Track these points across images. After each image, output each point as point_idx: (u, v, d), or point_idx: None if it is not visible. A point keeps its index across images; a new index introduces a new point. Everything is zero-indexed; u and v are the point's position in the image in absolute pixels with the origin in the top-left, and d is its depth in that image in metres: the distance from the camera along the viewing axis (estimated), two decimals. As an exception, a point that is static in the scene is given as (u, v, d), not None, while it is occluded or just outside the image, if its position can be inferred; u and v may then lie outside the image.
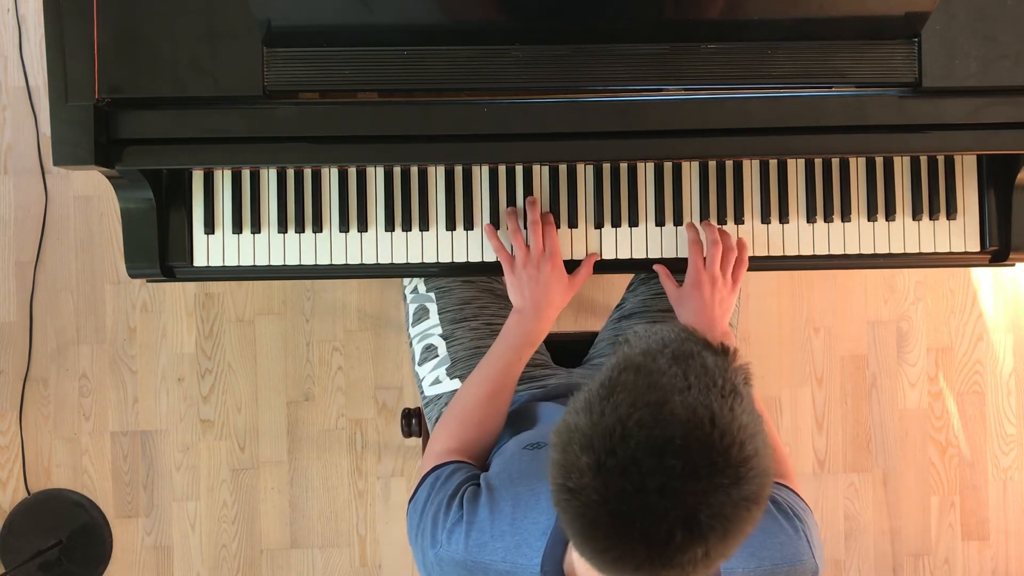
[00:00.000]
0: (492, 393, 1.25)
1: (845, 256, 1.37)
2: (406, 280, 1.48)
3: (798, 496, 1.10)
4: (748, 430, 0.76)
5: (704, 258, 1.31)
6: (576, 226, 1.36)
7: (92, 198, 2.12)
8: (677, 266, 1.35)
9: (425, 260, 1.36)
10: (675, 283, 1.34)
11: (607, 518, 0.75)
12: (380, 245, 1.36)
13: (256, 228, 1.35)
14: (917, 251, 1.37)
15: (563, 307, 1.32)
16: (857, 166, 1.37)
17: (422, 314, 1.45)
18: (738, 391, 0.78)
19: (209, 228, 1.35)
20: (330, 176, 1.36)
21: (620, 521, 0.74)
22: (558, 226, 1.35)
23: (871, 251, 1.37)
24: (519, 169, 1.36)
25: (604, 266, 1.37)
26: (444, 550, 1.02)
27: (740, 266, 1.33)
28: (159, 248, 1.33)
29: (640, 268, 1.38)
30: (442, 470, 1.12)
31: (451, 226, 1.35)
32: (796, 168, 1.37)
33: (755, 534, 0.98)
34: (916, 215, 1.37)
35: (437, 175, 1.36)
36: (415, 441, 2.07)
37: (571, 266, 1.35)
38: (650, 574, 0.76)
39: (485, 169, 1.36)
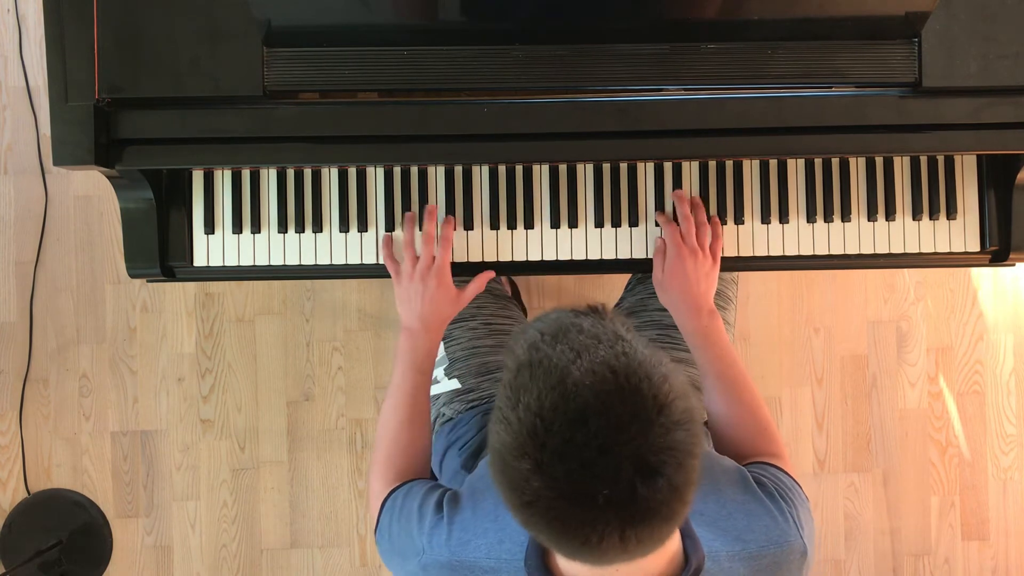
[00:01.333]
0: (409, 417, 1.25)
1: (845, 256, 1.37)
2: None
3: (786, 474, 1.09)
4: (648, 364, 0.78)
5: (681, 234, 1.31)
6: (576, 226, 1.36)
7: (92, 198, 2.12)
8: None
9: (425, 260, 1.36)
10: (660, 266, 1.33)
11: (570, 507, 0.76)
12: (380, 245, 1.36)
13: (256, 228, 1.35)
14: (917, 251, 1.37)
15: (451, 319, 1.32)
16: (857, 166, 1.37)
17: (422, 314, 1.45)
18: (622, 336, 0.80)
19: (209, 228, 1.35)
20: (330, 176, 1.36)
21: (583, 502, 0.75)
22: (559, 226, 1.35)
23: (871, 251, 1.37)
24: (519, 169, 1.36)
25: (604, 266, 1.37)
26: (428, 555, 1.02)
27: (716, 240, 1.33)
28: (159, 248, 1.33)
29: (639, 268, 1.38)
30: (395, 495, 1.13)
31: (451, 226, 1.35)
32: (796, 168, 1.37)
33: (739, 517, 0.98)
34: (916, 215, 1.37)
35: (437, 175, 1.36)
36: (415, 441, 2.07)
37: (572, 267, 1.35)
38: (636, 537, 0.77)
39: (485, 169, 1.36)
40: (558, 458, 0.75)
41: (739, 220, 1.36)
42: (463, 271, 1.39)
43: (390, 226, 1.35)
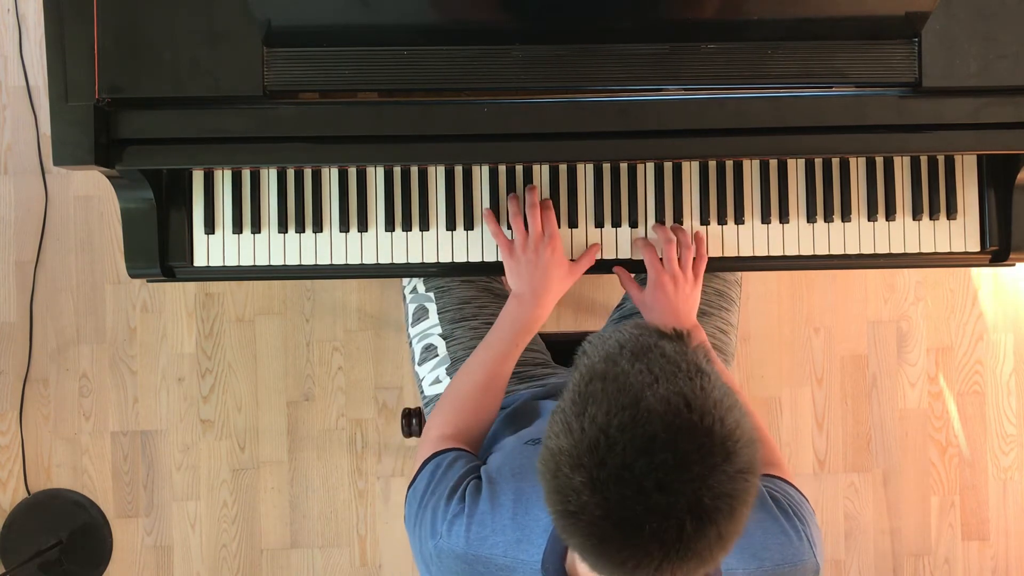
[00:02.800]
0: (488, 380, 1.24)
1: (845, 256, 1.37)
2: (405, 280, 1.48)
3: (793, 487, 1.10)
4: (724, 404, 0.77)
5: (661, 259, 1.31)
6: (576, 226, 1.36)
7: (92, 198, 2.12)
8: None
9: (425, 260, 1.36)
10: (637, 286, 1.34)
11: (615, 530, 0.75)
12: (380, 245, 1.36)
13: (256, 228, 1.35)
14: (917, 251, 1.37)
15: (562, 294, 1.31)
16: (857, 166, 1.37)
17: (421, 314, 1.45)
18: (703, 370, 0.79)
19: (209, 228, 1.35)
20: (330, 176, 1.36)
21: (628, 529, 0.75)
22: (559, 226, 1.35)
23: (871, 251, 1.37)
24: (519, 169, 1.36)
25: (604, 265, 1.37)
26: (444, 542, 1.02)
27: (700, 260, 1.33)
28: (159, 248, 1.33)
29: (640, 268, 1.38)
30: (443, 457, 1.11)
31: (451, 226, 1.35)
32: (796, 168, 1.37)
33: (756, 534, 0.98)
34: (916, 215, 1.37)
35: (437, 175, 1.36)
36: (415, 441, 2.07)
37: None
38: (672, 572, 0.76)
39: (485, 169, 1.36)
40: (614, 480, 0.74)
41: (739, 220, 1.36)
42: (464, 271, 1.39)
43: (390, 226, 1.35)
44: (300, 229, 1.36)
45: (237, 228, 1.35)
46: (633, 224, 1.36)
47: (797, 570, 1.00)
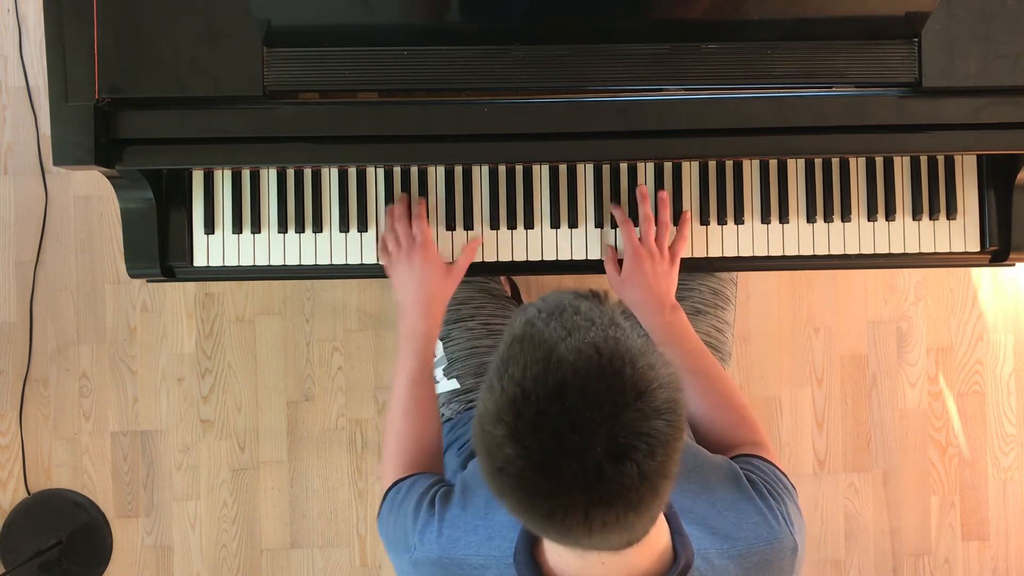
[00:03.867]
0: (414, 404, 1.24)
1: (845, 256, 1.37)
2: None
3: (771, 465, 1.09)
4: (636, 350, 0.78)
5: (639, 237, 1.31)
6: (576, 226, 1.36)
7: (92, 198, 2.12)
8: (681, 265, 1.35)
9: (425, 260, 1.35)
10: (616, 267, 1.34)
11: (538, 477, 0.76)
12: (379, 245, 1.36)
13: (256, 228, 1.35)
14: (917, 251, 1.37)
15: (447, 298, 1.31)
16: (857, 166, 1.37)
17: (420, 314, 1.45)
18: (617, 323, 0.81)
19: (209, 228, 1.35)
20: (330, 176, 1.36)
21: (550, 475, 0.76)
22: (559, 226, 1.35)
23: (871, 251, 1.37)
24: (519, 169, 1.36)
25: (592, 266, 1.37)
26: (418, 552, 1.02)
27: (679, 239, 1.33)
28: (159, 248, 1.33)
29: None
30: (400, 485, 1.14)
31: (451, 226, 1.35)
32: (796, 168, 1.37)
33: (728, 515, 0.99)
34: (916, 215, 1.37)
35: (437, 175, 1.36)
36: (415, 441, 2.07)
37: (572, 267, 1.35)
38: (602, 519, 0.77)
39: (485, 169, 1.36)
40: (531, 428, 0.76)
41: (739, 220, 1.36)
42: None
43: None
44: (300, 229, 1.36)
45: (237, 228, 1.35)
46: (633, 217, 1.36)
47: (773, 549, 0.99)
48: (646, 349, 0.80)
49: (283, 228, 1.35)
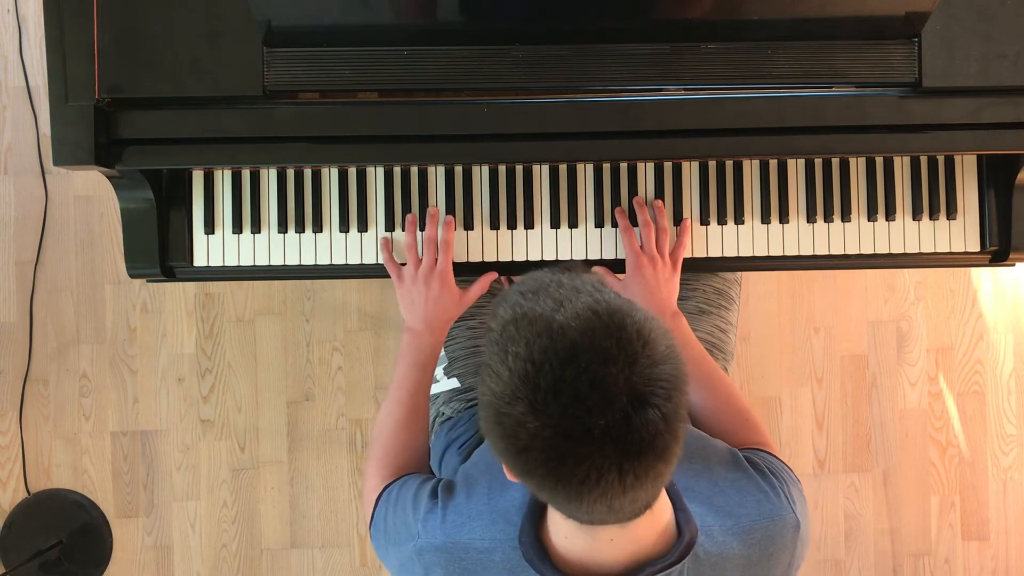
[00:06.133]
0: (408, 415, 1.26)
1: (845, 256, 1.37)
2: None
3: (776, 457, 1.11)
4: (627, 305, 0.81)
5: (641, 244, 1.32)
6: (576, 226, 1.36)
7: (92, 198, 2.12)
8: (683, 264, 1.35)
9: (425, 260, 1.35)
10: (615, 278, 1.35)
11: (567, 444, 0.77)
12: (380, 247, 1.36)
13: (256, 228, 1.35)
14: (917, 251, 1.37)
15: (454, 320, 1.33)
16: (857, 166, 1.37)
17: (421, 314, 1.45)
18: (600, 288, 0.83)
19: (209, 228, 1.35)
20: (330, 176, 1.36)
21: (579, 437, 0.77)
22: (559, 226, 1.35)
23: (871, 251, 1.37)
24: (519, 169, 1.36)
25: (605, 266, 1.37)
26: (423, 539, 1.02)
27: (679, 246, 1.34)
28: (159, 248, 1.33)
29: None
30: (391, 488, 1.15)
31: (451, 226, 1.35)
32: (796, 168, 1.37)
33: (730, 492, 1.00)
34: (916, 215, 1.37)
35: (437, 175, 1.36)
36: (415, 441, 2.08)
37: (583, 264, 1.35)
38: (634, 472, 0.78)
39: (485, 169, 1.36)
40: (552, 395, 0.76)
41: (739, 220, 1.36)
42: (463, 271, 1.39)
43: (390, 226, 1.35)
44: (300, 229, 1.36)
45: (237, 228, 1.35)
46: (633, 224, 1.36)
47: (775, 524, 1.00)
48: (633, 304, 0.82)
49: (283, 228, 1.35)
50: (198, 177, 1.35)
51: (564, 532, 0.90)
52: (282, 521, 2.12)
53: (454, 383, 1.41)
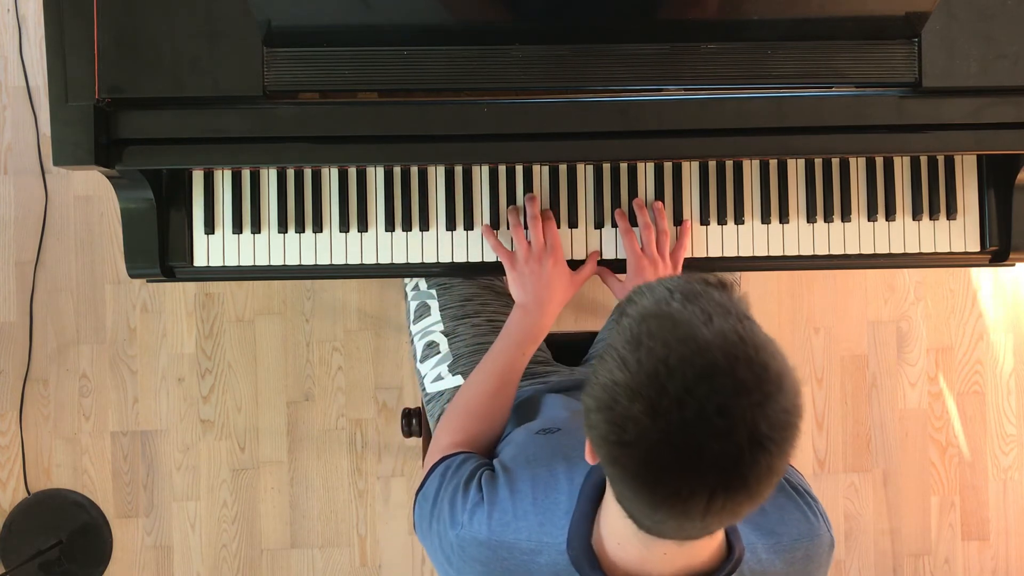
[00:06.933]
0: (497, 388, 1.25)
1: (845, 256, 1.37)
2: (407, 278, 1.49)
3: (795, 469, 1.12)
4: (773, 344, 0.80)
5: (641, 245, 1.32)
6: (576, 226, 1.36)
7: (92, 198, 2.12)
8: (683, 265, 1.35)
9: (425, 260, 1.36)
10: (617, 280, 1.35)
11: (673, 455, 0.76)
12: (380, 245, 1.36)
13: (256, 228, 1.35)
14: (917, 251, 1.37)
15: (565, 302, 1.32)
16: (857, 166, 1.37)
17: (424, 311, 1.45)
18: (749, 316, 0.82)
19: (209, 228, 1.35)
20: (330, 176, 1.36)
21: (688, 454, 0.75)
22: (559, 226, 1.35)
23: (871, 251, 1.37)
24: (519, 169, 1.36)
25: (605, 265, 1.37)
26: (466, 530, 1.02)
27: (680, 248, 1.34)
28: (159, 248, 1.33)
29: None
30: (452, 460, 1.13)
31: (451, 226, 1.35)
32: (796, 168, 1.37)
33: (772, 512, 1.01)
34: (916, 215, 1.37)
35: (437, 175, 1.36)
36: (415, 441, 2.07)
37: (573, 266, 1.35)
38: (721, 504, 0.77)
39: (485, 169, 1.36)
40: (676, 406, 0.75)
41: (739, 220, 1.36)
42: (464, 271, 1.39)
43: (390, 226, 1.35)
44: (300, 229, 1.36)
45: (237, 228, 1.35)
46: (634, 224, 1.36)
47: (814, 544, 1.01)
48: (776, 344, 0.80)
49: (283, 228, 1.35)
50: (198, 177, 1.35)
51: (617, 538, 0.90)
52: (282, 521, 2.12)
53: (459, 380, 1.40)
